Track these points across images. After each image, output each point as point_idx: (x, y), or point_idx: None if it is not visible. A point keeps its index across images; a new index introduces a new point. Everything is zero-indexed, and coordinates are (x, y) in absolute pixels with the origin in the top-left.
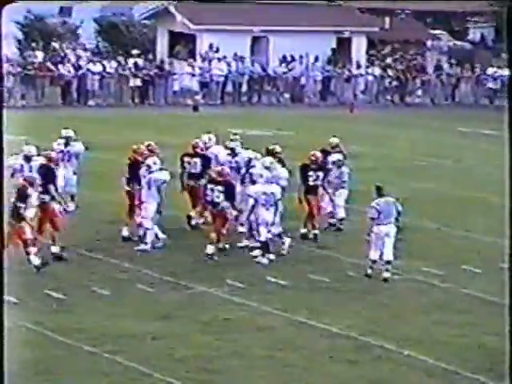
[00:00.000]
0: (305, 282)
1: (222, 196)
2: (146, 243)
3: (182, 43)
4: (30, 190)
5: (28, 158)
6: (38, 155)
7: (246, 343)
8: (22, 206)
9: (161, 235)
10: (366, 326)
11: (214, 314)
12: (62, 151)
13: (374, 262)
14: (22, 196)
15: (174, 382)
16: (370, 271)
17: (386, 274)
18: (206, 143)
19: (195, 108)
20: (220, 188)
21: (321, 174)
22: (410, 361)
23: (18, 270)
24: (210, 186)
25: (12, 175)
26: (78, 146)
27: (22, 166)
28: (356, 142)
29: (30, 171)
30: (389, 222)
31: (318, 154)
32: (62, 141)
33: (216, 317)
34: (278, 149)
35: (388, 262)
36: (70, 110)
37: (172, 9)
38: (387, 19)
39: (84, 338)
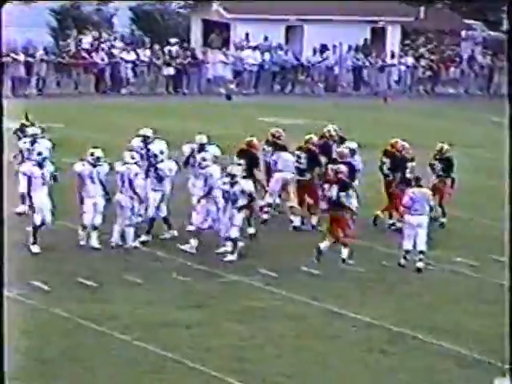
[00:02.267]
0: (337, 271)
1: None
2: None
3: (216, 32)
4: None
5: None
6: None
7: (279, 332)
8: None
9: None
10: (399, 316)
11: (247, 303)
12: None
13: (408, 252)
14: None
15: (206, 370)
16: (403, 261)
17: (420, 264)
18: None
19: (228, 97)
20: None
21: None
22: (444, 351)
23: (49, 257)
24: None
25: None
26: (157, 145)
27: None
28: (390, 131)
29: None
30: (422, 212)
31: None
32: (140, 139)
33: (248, 306)
34: (277, 133)
35: (421, 252)
36: (104, 98)
37: None
38: (422, 9)
39: (116, 326)
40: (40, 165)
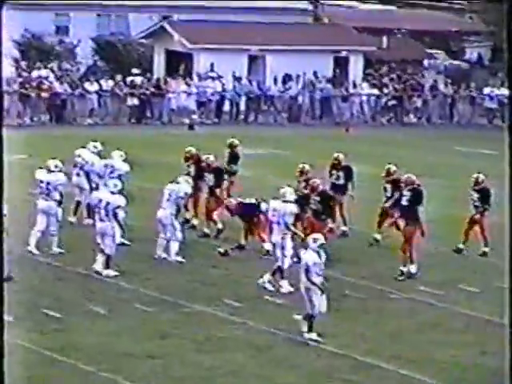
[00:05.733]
0: (301, 301)
1: None
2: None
3: (183, 62)
4: None
5: None
6: None
7: (242, 362)
8: None
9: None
10: (363, 345)
11: (210, 332)
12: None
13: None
14: None
15: None
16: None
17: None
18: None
19: (191, 127)
20: None
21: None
22: (408, 381)
23: (12, 287)
24: None
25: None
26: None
27: None
28: (352, 161)
29: None
30: None
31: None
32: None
33: (212, 336)
34: (235, 142)
35: None
36: (67, 128)
37: (169, 28)
38: (384, 38)
39: (81, 356)
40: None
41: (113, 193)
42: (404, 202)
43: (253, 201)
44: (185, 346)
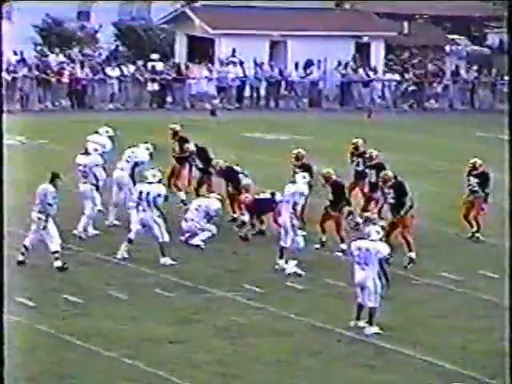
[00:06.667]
0: (322, 286)
1: None
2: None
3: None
4: None
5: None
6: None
7: (263, 348)
8: None
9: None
10: (383, 330)
11: (232, 318)
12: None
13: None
14: None
15: None
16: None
17: None
18: None
19: (213, 112)
20: None
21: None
22: (428, 366)
23: (34, 273)
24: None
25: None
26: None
27: None
28: (373, 147)
29: None
30: None
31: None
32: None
33: (233, 322)
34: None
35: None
36: (88, 113)
37: (190, 13)
38: (406, 24)
39: (102, 342)
40: None
41: (151, 183)
42: (390, 200)
43: (267, 195)
44: (205, 332)
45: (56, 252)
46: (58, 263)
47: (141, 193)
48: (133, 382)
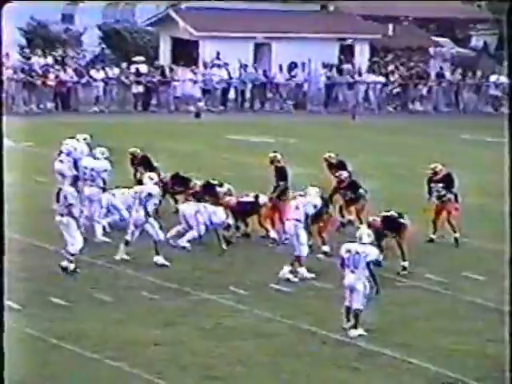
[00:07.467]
0: (308, 288)
1: None
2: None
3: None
4: None
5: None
6: None
7: (249, 350)
8: None
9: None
10: (368, 333)
11: (217, 320)
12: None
13: None
14: None
15: None
16: None
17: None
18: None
19: (197, 114)
20: None
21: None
22: (413, 368)
23: (22, 276)
24: None
25: None
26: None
27: None
28: (358, 149)
29: None
30: None
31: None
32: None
33: (219, 324)
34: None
35: None
36: (73, 116)
37: (175, 15)
38: (390, 26)
39: (87, 344)
40: None
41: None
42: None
43: (251, 198)
44: (191, 334)
45: (73, 255)
46: (71, 265)
47: (135, 193)
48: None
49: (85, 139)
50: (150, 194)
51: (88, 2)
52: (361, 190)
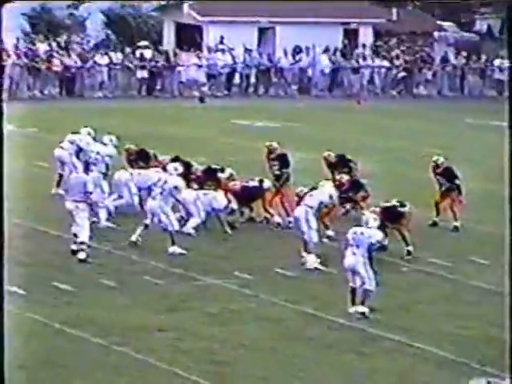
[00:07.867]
0: (313, 273)
1: None
2: None
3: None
4: None
5: None
6: None
7: (254, 335)
8: None
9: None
10: (374, 317)
11: (222, 305)
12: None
13: None
14: None
15: (181, 373)
16: None
17: None
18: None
19: (202, 99)
20: None
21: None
22: (419, 352)
23: (26, 261)
24: None
25: None
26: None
27: None
28: (362, 133)
29: None
30: None
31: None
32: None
33: (223, 308)
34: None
35: None
36: (77, 101)
37: (179, 0)
38: (394, 10)
39: (92, 329)
40: None
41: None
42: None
43: (255, 182)
44: (196, 319)
45: (83, 243)
46: (82, 254)
47: (159, 180)
48: (122, 369)
49: (89, 134)
50: (176, 187)
51: None
52: (362, 193)
